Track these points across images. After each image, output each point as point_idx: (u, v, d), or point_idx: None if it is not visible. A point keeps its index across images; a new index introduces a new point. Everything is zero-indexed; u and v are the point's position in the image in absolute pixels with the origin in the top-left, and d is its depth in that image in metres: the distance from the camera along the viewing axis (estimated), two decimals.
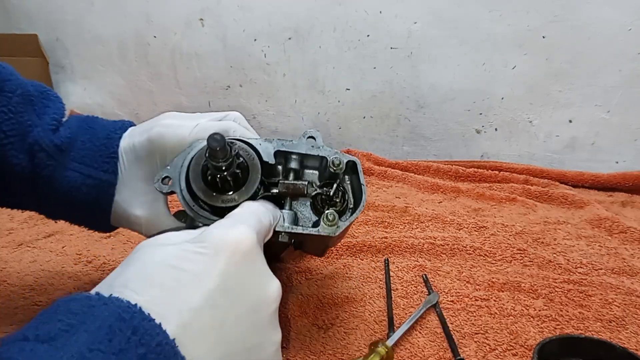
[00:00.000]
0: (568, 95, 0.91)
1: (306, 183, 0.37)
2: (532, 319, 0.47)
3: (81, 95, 1.35)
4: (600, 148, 0.92)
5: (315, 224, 0.37)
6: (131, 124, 0.41)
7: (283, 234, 0.35)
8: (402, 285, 0.52)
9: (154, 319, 0.21)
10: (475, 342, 0.43)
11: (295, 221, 0.37)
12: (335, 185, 0.38)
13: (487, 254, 0.59)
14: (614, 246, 0.62)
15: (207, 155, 0.32)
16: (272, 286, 0.27)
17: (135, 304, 0.21)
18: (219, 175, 0.34)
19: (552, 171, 0.87)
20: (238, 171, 0.35)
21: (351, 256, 0.59)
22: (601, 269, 0.56)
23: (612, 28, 0.85)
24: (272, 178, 0.38)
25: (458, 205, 0.76)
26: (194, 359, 0.22)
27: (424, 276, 0.54)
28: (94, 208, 0.39)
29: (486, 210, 0.74)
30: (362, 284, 0.53)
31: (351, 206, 0.39)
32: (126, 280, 0.23)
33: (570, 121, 0.92)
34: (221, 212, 0.33)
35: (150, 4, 1.15)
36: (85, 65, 1.32)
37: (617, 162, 0.91)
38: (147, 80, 1.25)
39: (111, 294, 0.22)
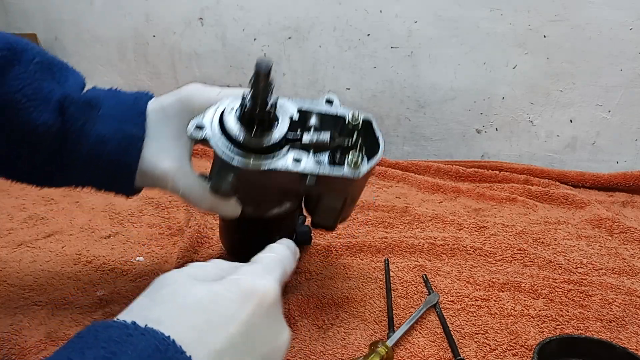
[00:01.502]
0: (569, 95, 0.91)
1: (328, 136, 0.40)
2: (532, 319, 0.46)
3: None
4: (601, 148, 0.92)
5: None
6: (153, 95, 0.43)
7: (310, 176, 0.37)
8: (402, 286, 0.52)
9: (186, 352, 0.23)
10: (476, 342, 0.43)
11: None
12: (355, 135, 0.40)
13: (488, 254, 0.59)
14: (614, 246, 0.62)
15: (252, 81, 0.34)
16: (284, 336, 0.30)
17: (169, 336, 0.23)
18: (257, 110, 0.36)
19: (552, 171, 0.87)
20: (272, 110, 0.37)
21: (351, 256, 0.58)
22: (601, 269, 0.56)
23: (613, 28, 0.85)
24: (294, 133, 0.40)
25: (458, 206, 0.75)
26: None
27: (424, 276, 0.54)
28: (121, 164, 0.40)
29: (486, 210, 0.74)
30: (362, 284, 0.52)
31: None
32: (159, 316, 0.25)
33: (571, 121, 0.92)
34: (256, 151, 0.37)
35: (150, 4, 1.15)
36: (84, 64, 1.32)
37: (617, 162, 0.91)
38: (147, 79, 1.25)
39: (146, 325, 0.24)
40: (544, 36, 0.89)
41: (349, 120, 0.41)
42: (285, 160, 0.37)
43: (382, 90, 1.03)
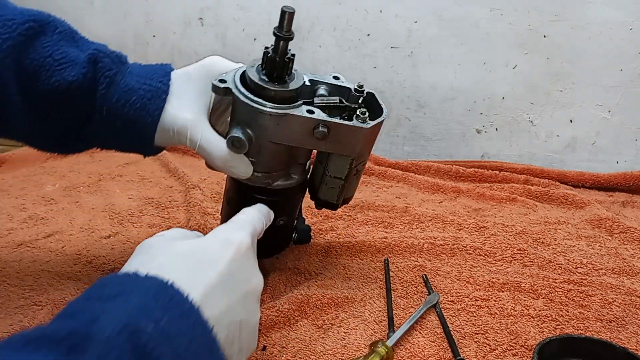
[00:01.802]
0: (569, 95, 0.91)
1: (337, 99, 0.46)
2: (532, 319, 0.47)
3: None
4: (601, 148, 0.92)
5: None
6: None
7: (321, 127, 0.42)
8: (402, 286, 0.52)
9: (184, 292, 0.28)
10: (475, 342, 0.43)
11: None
12: (361, 99, 0.47)
13: (487, 254, 0.59)
14: (614, 246, 0.62)
15: (276, 28, 0.42)
16: (259, 279, 0.36)
17: (168, 280, 0.28)
18: (279, 54, 0.43)
19: (552, 171, 0.87)
20: (292, 58, 0.44)
21: (351, 256, 0.59)
22: (601, 269, 0.56)
23: (613, 28, 0.85)
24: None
25: (458, 206, 0.75)
26: (210, 320, 0.29)
27: (424, 276, 0.54)
28: (144, 114, 0.43)
29: (486, 210, 0.74)
30: (362, 284, 0.53)
31: None
32: (157, 265, 0.31)
33: (571, 121, 0.92)
34: (274, 100, 0.42)
35: (150, 4, 1.15)
36: None
37: (617, 162, 0.91)
38: None
39: (147, 273, 0.29)
40: (544, 36, 0.89)
41: (355, 88, 0.47)
42: (300, 110, 0.42)
43: (382, 90, 1.03)
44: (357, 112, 0.44)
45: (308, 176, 0.52)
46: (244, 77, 0.44)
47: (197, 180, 0.78)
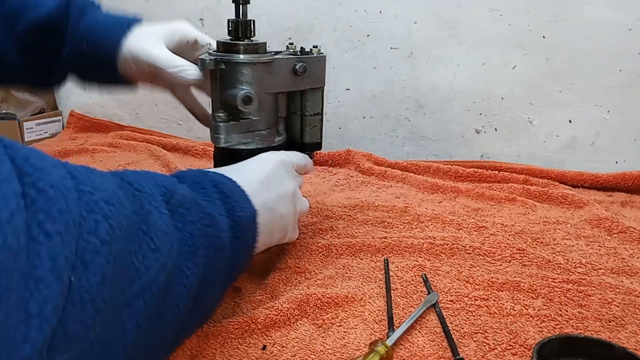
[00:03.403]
0: (568, 95, 0.91)
1: (298, 49, 0.59)
2: (531, 318, 0.47)
3: (81, 95, 1.34)
4: (600, 148, 0.92)
5: None
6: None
7: (300, 62, 0.55)
8: (402, 285, 0.52)
9: (240, 185, 0.42)
10: (475, 341, 0.44)
11: None
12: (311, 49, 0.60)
13: (487, 253, 0.59)
14: (613, 246, 0.62)
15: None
16: (292, 185, 0.49)
17: (231, 178, 0.42)
18: (241, 20, 0.53)
19: (551, 171, 0.87)
20: (253, 20, 0.54)
21: (351, 256, 0.59)
22: (600, 268, 0.56)
23: (613, 28, 0.85)
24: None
25: (458, 205, 0.76)
26: (256, 205, 0.42)
27: (423, 276, 0.54)
28: (106, 43, 0.51)
29: (486, 210, 0.74)
30: (361, 284, 0.53)
31: None
32: (230, 170, 0.45)
33: (570, 121, 0.92)
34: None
35: (150, 4, 1.16)
36: None
37: (616, 162, 0.91)
38: None
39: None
40: (544, 37, 0.89)
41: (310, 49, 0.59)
42: (281, 55, 0.54)
43: (382, 90, 1.03)
44: (313, 51, 0.58)
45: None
46: (219, 49, 0.52)
47: None
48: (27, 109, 1.25)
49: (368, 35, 1.01)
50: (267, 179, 0.45)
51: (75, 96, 1.35)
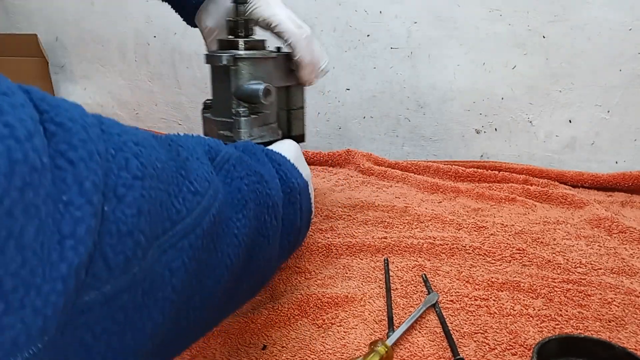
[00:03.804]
0: (568, 95, 0.91)
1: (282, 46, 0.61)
2: (531, 318, 0.47)
3: (81, 95, 1.35)
4: (600, 148, 0.92)
5: None
6: None
7: (294, 60, 0.58)
8: (402, 285, 0.52)
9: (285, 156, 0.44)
10: (475, 341, 0.44)
11: None
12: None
13: (487, 253, 0.59)
14: (613, 246, 0.62)
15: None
16: (308, 168, 0.51)
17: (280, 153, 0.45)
18: (240, 19, 0.56)
19: (551, 171, 0.87)
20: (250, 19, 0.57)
21: (351, 256, 0.59)
22: (600, 268, 0.56)
23: (612, 28, 0.85)
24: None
25: (458, 205, 0.76)
26: (303, 172, 0.46)
27: (423, 276, 0.54)
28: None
29: (486, 210, 0.74)
30: (361, 284, 0.53)
31: None
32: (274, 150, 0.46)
33: (570, 121, 0.92)
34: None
35: (150, 4, 1.16)
36: (85, 65, 1.33)
37: (616, 162, 0.91)
38: (147, 80, 1.25)
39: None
40: (543, 37, 0.89)
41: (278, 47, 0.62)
42: (283, 51, 0.59)
43: (381, 90, 1.03)
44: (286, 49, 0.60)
45: None
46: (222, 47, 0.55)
47: None
48: None
49: (368, 35, 1.01)
50: (296, 159, 0.47)
51: (75, 96, 1.35)
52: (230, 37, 0.56)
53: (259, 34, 0.59)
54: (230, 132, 0.55)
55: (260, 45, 0.56)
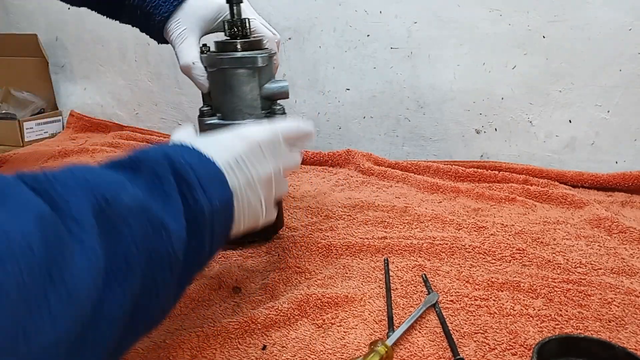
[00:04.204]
0: (568, 96, 0.91)
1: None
2: (531, 318, 0.47)
3: (81, 95, 1.35)
4: (600, 148, 0.92)
5: None
6: None
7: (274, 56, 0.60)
8: (402, 285, 0.52)
9: (210, 157, 0.38)
10: (475, 341, 0.44)
11: None
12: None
13: (487, 253, 0.59)
14: (613, 246, 0.62)
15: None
16: (268, 167, 0.43)
17: (199, 150, 0.38)
18: (235, 19, 0.56)
19: (551, 171, 0.87)
20: (247, 18, 0.57)
21: (351, 256, 0.59)
22: (600, 268, 0.56)
23: (612, 28, 0.85)
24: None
25: (458, 205, 0.76)
26: (232, 184, 0.39)
27: (423, 276, 0.54)
28: (155, 15, 0.58)
29: (486, 210, 0.74)
30: (361, 284, 0.53)
31: None
32: (202, 145, 0.39)
33: (570, 121, 0.92)
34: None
35: None
36: (85, 65, 1.32)
37: (616, 162, 0.91)
38: (147, 80, 1.25)
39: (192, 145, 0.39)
40: (543, 37, 0.89)
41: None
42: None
43: (381, 90, 1.03)
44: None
45: None
46: (227, 51, 0.55)
47: None
48: (27, 109, 1.25)
49: (368, 35, 1.01)
50: (237, 161, 0.40)
51: (75, 96, 1.35)
52: (227, 38, 0.56)
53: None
54: None
55: (259, 44, 0.56)
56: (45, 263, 0.23)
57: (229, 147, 0.41)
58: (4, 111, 1.22)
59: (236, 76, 0.54)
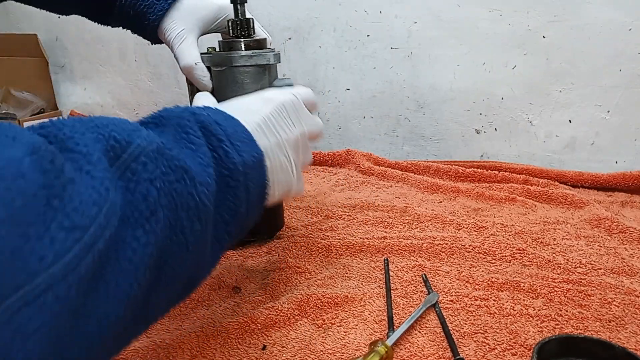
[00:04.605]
0: (568, 96, 0.91)
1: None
2: (531, 318, 0.47)
3: (81, 95, 1.35)
4: (600, 148, 0.92)
5: None
6: None
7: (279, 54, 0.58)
8: (402, 285, 0.52)
9: (237, 119, 0.38)
10: (475, 341, 0.44)
11: None
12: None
13: (487, 253, 0.59)
14: (613, 246, 0.62)
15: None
16: (295, 130, 0.42)
17: (231, 116, 0.38)
18: (241, 19, 0.56)
19: (551, 171, 0.87)
20: (251, 17, 0.58)
21: (351, 256, 0.59)
22: (600, 268, 0.56)
23: (612, 28, 0.85)
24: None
25: (457, 205, 0.76)
26: (262, 145, 0.38)
27: (423, 276, 0.54)
28: (149, 14, 0.56)
29: (486, 210, 0.74)
30: (361, 284, 0.53)
31: None
32: (228, 107, 0.39)
33: (570, 121, 0.92)
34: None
35: None
36: (85, 65, 1.32)
37: (616, 162, 0.91)
38: (147, 80, 1.25)
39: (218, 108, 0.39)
40: (543, 37, 0.89)
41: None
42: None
43: (381, 90, 1.03)
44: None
45: None
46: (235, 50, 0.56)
47: None
48: (27, 109, 1.25)
49: (368, 35, 1.01)
50: (265, 122, 0.40)
51: (75, 96, 1.35)
52: (230, 37, 0.56)
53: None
54: None
55: (264, 43, 0.57)
56: (41, 190, 0.22)
57: (254, 110, 0.40)
58: (4, 111, 1.22)
59: (248, 74, 0.55)
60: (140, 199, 0.27)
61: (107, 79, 1.30)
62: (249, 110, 0.40)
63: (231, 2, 0.55)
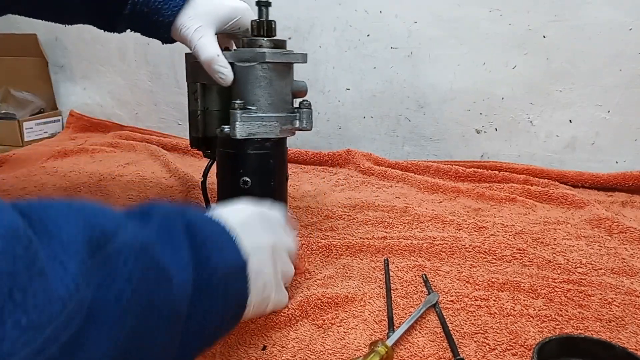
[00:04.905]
0: (568, 95, 0.91)
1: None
2: (531, 318, 0.47)
3: (81, 95, 1.35)
4: (601, 148, 0.92)
5: None
6: None
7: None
8: (402, 285, 0.52)
9: (221, 223, 0.38)
10: (475, 341, 0.43)
11: None
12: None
13: (487, 253, 0.59)
14: (613, 246, 0.62)
15: (257, 2, 0.56)
16: (269, 238, 0.42)
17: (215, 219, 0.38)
18: (266, 21, 0.57)
19: (552, 171, 0.87)
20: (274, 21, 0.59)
21: (351, 256, 0.59)
22: (601, 268, 0.56)
23: (613, 28, 0.85)
24: None
25: (458, 206, 0.76)
26: (245, 246, 0.37)
27: (423, 276, 0.54)
28: (164, 11, 0.55)
29: (486, 210, 0.74)
30: (362, 284, 0.53)
31: None
32: (217, 214, 0.40)
33: (571, 121, 0.92)
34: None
35: None
36: (85, 65, 1.32)
37: (617, 162, 0.91)
38: (147, 80, 1.25)
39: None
40: (544, 36, 0.89)
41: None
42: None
43: (382, 90, 1.03)
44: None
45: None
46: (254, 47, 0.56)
47: (197, 180, 0.78)
48: (27, 109, 1.25)
49: (368, 35, 1.01)
50: (244, 224, 0.39)
51: (75, 96, 1.35)
52: (253, 37, 0.57)
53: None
54: (291, 125, 0.57)
55: (283, 43, 0.58)
56: (6, 278, 0.21)
57: (235, 214, 0.41)
58: (3, 111, 1.22)
59: (277, 70, 0.56)
60: (113, 299, 0.26)
61: (107, 78, 1.30)
62: (231, 215, 0.40)
63: (256, 5, 0.56)
